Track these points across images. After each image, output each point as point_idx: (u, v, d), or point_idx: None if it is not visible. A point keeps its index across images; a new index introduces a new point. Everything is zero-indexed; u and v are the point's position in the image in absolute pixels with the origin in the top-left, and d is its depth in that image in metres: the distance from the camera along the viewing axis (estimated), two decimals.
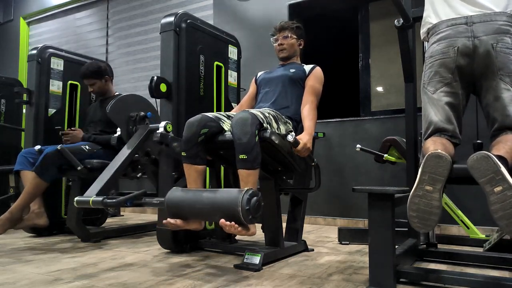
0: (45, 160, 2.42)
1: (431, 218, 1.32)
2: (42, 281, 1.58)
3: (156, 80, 2.12)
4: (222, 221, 1.53)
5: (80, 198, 1.83)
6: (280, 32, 2.30)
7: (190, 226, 1.73)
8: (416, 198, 1.34)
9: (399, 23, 1.73)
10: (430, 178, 1.33)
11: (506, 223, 1.22)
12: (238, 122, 1.72)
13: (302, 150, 1.88)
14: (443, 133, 1.55)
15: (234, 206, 1.49)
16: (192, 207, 1.62)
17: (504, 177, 1.22)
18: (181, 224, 1.68)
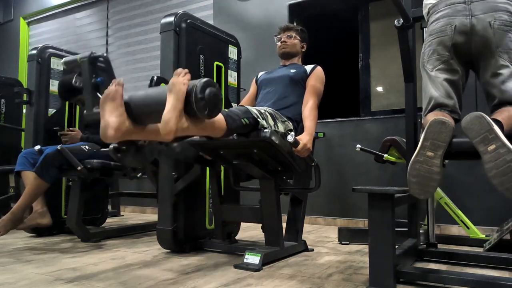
0: (45, 160, 2.42)
1: (431, 184, 1.32)
2: (42, 281, 1.58)
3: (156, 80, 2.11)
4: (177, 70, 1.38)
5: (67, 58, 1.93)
6: (285, 32, 2.35)
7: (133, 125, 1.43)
8: (417, 164, 1.34)
9: (399, 23, 1.73)
10: (431, 144, 1.33)
11: (499, 181, 1.23)
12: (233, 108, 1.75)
13: (302, 150, 1.88)
14: (443, 108, 1.55)
15: (192, 82, 1.38)
16: (147, 96, 1.46)
17: (497, 135, 1.24)
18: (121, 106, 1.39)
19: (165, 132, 1.32)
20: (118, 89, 1.39)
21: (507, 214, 2.58)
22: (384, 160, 2.58)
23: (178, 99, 1.33)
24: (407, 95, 1.96)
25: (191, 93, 1.36)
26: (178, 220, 2.12)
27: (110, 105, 1.38)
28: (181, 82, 1.34)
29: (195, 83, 1.38)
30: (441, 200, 2.44)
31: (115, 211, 4.04)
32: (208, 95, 1.37)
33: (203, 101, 1.36)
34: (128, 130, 1.41)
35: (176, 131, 1.33)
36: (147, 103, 1.44)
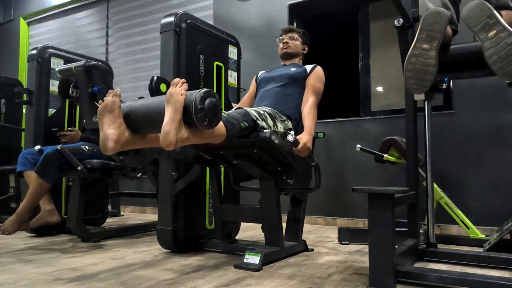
0: (45, 160, 2.42)
1: (427, 78, 1.32)
2: (42, 281, 1.58)
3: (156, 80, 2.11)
4: (174, 80, 1.36)
5: (62, 66, 1.96)
6: (287, 34, 2.38)
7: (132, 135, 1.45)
8: (413, 58, 1.35)
9: (399, 23, 1.73)
10: (427, 36, 1.34)
11: (499, 66, 1.23)
12: (232, 111, 1.74)
13: (302, 150, 1.88)
14: None
15: (189, 95, 1.36)
16: (146, 106, 1.45)
17: (498, 19, 1.23)
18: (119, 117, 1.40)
19: (165, 144, 1.32)
20: (115, 100, 1.39)
21: (507, 214, 2.59)
22: (384, 160, 2.58)
23: (176, 110, 1.32)
24: (407, 95, 1.96)
25: (190, 103, 1.35)
26: (178, 220, 2.12)
27: (108, 116, 1.37)
28: (179, 92, 1.33)
29: (194, 93, 1.37)
30: (441, 200, 2.44)
31: (115, 211, 4.04)
32: (207, 105, 1.37)
33: (202, 111, 1.35)
34: (128, 141, 1.41)
35: (176, 142, 1.33)
36: (145, 113, 1.43)
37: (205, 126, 1.39)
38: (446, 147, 2.87)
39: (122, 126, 1.39)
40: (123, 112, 1.42)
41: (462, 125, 2.84)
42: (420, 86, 1.33)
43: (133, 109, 1.44)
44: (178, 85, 1.35)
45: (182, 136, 1.34)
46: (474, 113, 2.81)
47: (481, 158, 2.76)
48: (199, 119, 1.36)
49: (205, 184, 2.31)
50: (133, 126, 1.44)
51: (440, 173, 2.82)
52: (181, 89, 1.35)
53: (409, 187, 1.86)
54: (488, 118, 2.76)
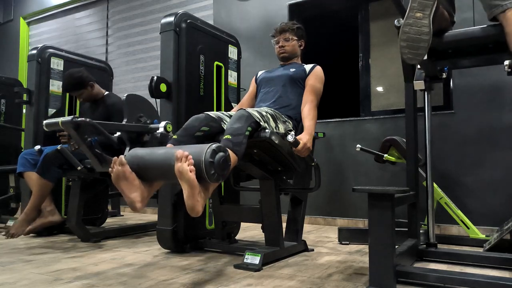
0: (45, 160, 2.42)
1: (421, 46, 1.33)
2: (42, 281, 1.58)
3: (156, 80, 2.12)
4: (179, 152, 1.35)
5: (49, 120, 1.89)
6: (281, 34, 2.30)
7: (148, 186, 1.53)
8: (406, 27, 1.36)
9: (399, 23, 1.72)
10: (419, 4, 1.35)
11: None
12: (233, 117, 1.73)
13: (302, 150, 1.88)
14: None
15: (197, 156, 1.37)
16: (155, 156, 1.48)
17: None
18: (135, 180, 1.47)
19: (194, 214, 1.40)
20: (125, 169, 1.45)
21: (507, 214, 2.59)
22: (384, 160, 2.58)
23: (191, 185, 1.35)
24: (407, 95, 1.96)
25: (201, 172, 1.36)
26: (178, 220, 2.12)
27: (125, 183, 1.46)
28: (187, 170, 1.33)
29: (201, 160, 1.36)
30: (441, 200, 2.44)
31: (115, 211, 4.04)
32: (217, 166, 1.39)
33: (215, 174, 1.39)
34: (149, 193, 1.54)
35: (202, 209, 1.41)
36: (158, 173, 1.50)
37: (221, 179, 1.45)
38: (446, 147, 2.87)
39: (140, 187, 1.48)
40: (134, 169, 1.48)
41: (462, 125, 2.84)
42: (415, 55, 1.35)
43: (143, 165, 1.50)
44: (183, 161, 1.34)
45: (205, 200, 1.44)
46: (474, 113, 2.81)
47: (481, 158, 2.76)
48: (213, 179, 1.40)
49: None
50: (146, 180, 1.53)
51: (440, 173, 2.82)
52: (188, 166, 1.34)
53: (409, 187, 1.86)
54: (488, 118, 2.76)
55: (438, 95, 3.02)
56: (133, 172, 1.46)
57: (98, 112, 2.76)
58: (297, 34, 2.32)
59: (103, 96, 2.87)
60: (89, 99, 2.85)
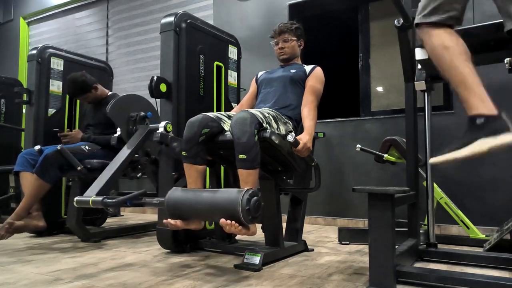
0: (45, 161, 2.41)
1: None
2: (42, 281, 1.58)
3: (156, 80, 2.12)
4: (223, 220, 1.53)
5: (80, 198, 1.83)
6: (280, 36, 2.29)
7: (189, 226, 1.73)
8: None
9: (399, 23, 1.73)
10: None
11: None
12: (237, 121, 1.72)
13: (302, 150, 1.88)
14: (446, 12, 1.29)
15: (234, 206, 1.50)
16: (192, 207, 1.62)
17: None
18: (180, 225, 1.69)
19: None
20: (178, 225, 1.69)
21: (507, 214, 2.58)
22: (384, 160, 2.58)
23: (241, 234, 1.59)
24: (407, 95, 1.96)
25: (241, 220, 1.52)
26: None
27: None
28: (238, 231, 1.56)
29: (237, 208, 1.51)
30: (441, 200, 2.44)
31: (115, 211, 4.04)
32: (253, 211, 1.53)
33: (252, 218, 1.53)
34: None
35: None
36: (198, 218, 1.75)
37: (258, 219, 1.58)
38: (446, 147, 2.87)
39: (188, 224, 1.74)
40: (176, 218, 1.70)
41: (462, 125, 2.83)
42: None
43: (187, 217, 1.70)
44: (229, 226, 1.54)
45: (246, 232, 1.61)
46: None
47: (481, 158, 2.75)
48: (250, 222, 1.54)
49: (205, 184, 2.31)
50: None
51: (440, 173, 2.82)
52: (235, 229, 1.55)
53: (409, 187, 1.86)
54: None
55: (438, 95, 3.02)
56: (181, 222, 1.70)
57: (102, 112, 2.76)
58: (296, 34, 2.31)
59: (106, 96, 2.88)
60: (94, 101, 2.86)
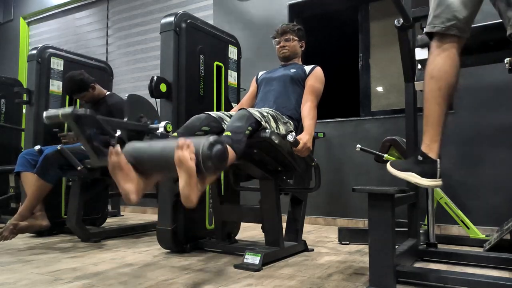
0: (45, 161, 2.41)
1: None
2: (42, 281, 1.58)
3: (156, 80, 2.12)
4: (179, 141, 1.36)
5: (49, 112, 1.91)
6: (282, 36, 2.33)
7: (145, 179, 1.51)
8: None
9: (399, 23, 1.72)
10: None
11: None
12: (235, 116, 1.74)
13: (302, 150, 1.88)
14: (452, 27, 1.31)
15: (196, 147, 1.36)
16: (153, 148, 1.48)
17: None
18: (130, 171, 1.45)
19: (189, 205, 1.40)
20: (120, 159, 1.43)
21: (507, 214, 2.58)
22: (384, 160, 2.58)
23: (190, 174, 1.34)
24: (407, 95, 1.96)
25: (199, 164, 1.36)
26: (178, 220, 2.12)
27: (121, 174, 1.44)
28: (188, 159, 1.33)
29: (199, 151, 1.36)
30: (441, 200, 2.44)
31: (115, 211, 4.04)
32: (215, 158, 1.38)
33: (212, 167, 1.38)
34: (145, 186, 1.50)
35: (197, 200, 1.40)
36: (155, 164, 1.48)
37: (217, 172, 1.45)
38: (446, 147, 2.87)
39: (135, 178, 1.46)
40: (130, 161, 1.46)
41: (462, 125, 2.84)
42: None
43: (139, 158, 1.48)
44: (184, 149, 1.34)
45: (201, 190, 1.42)
46: (474, 113, 2.81)
47: (481, 158, 2.76)
48: (210, 171, 1.39)
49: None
50: (143, 171, 1.51)
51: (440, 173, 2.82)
52: (189, 154, 1.34)
53: (409, 187, 1.86)
54: (488, 118, 2.76)
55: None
56: (129, 164, 1.44)
57: (100, 112, 2.76)
58: (298, 35, 2.35)
59: (104, 96, 2.88)
60: (91, 101, 2.86)
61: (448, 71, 1.29)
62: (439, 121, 1.32)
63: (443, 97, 1.30)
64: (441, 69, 1.30)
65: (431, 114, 1.32)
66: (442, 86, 1.29)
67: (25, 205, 2.40)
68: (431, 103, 1.31)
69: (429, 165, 1.35)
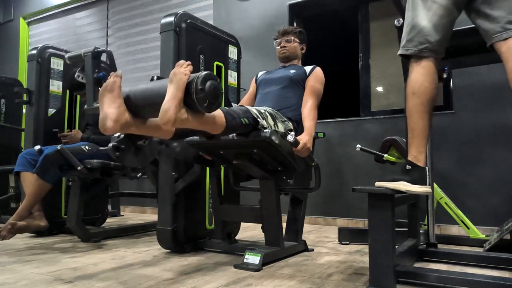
0: (45, 161, 2.41)
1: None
2: (42, 281, 1.58)
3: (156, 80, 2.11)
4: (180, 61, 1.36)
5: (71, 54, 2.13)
6: (283, 36, 2.35)
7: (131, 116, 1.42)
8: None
9: (399, 23, 1.73)
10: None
11: None
12: (232, 108, 1.74)
13: (302, 150, 1.88)
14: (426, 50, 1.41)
15: (189, 83, 1.35)
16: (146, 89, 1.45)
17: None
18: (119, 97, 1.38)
19: (164, 121, 1.30)
20: (116, 80, 1.38)
21: (507, 214, 2.58)
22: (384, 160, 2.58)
23: (178, 88, 1.32)
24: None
25: (192, 84, 1.35)
26: (178, 220, 2.12)
27: (109, 96, 1.36)
28: (182, 72, 1.34)
29: (196, 75, 1.37)
30: (441, 200, 2.44)
31: (115, 211, 4.04)
32: (208, 87, 1.36)
33: (203, 92, 1.35)
34: (127, 122, 1.39)
35: (175, 121, 1.30)
36: (147, 95, 1.42)
37: (205, 108, 1.38)
38: (446, 147, 2.87)
39: (122, 106, 1.37)
40: (124, 95, 1.41)
41: (462, 125, 2.84)
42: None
43: (134, 92, 1.44)
44: (183, 66, 1.36)
45: (181, 116, 1.33)
46: (474, 113, 2.81)
47: (481, 158, 2.76)
48: (199, 99, 1.35)
49: (205, 184, 2.31)
50: (133, 108, 1.43)
51: (440, 173, 2.82)
52: (185, 70, 1.35)
53: None
54: (488, 118, 2.76)
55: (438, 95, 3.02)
56: (121, 90, 1.39)
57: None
58: (300, 37, 2.36)
59: None
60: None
61: (428, 87, 1.39)
62: (424, 133, 1.42)
63: (425, 111, 1.40)
64: (422, 85, 1.39)
65: (416, 127, 1.42)
66: (424, 101, 1.39)
67: (23, 204, 2.40)
68: (415, 117, 1.41)
69: (418, 172, 1.42)
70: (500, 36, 1.31)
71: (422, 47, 1.41)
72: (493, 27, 1.32)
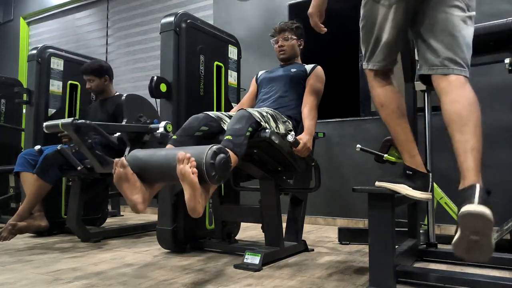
0: (45, 161, 2.41)
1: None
2: (42, 281, 1.58)
3: (156, 80, 2.12)
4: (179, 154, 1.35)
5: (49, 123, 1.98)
6: (280, 34, 2.30)
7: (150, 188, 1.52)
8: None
9: None
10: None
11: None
12: (234, 117, 1.73)
13: (302, 150, 1.88)
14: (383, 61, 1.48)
15: (198, 158, 1.37)
16: (156, 158, 1.48)
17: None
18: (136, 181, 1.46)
19: (196, 216, 1.41)
20: (126, 171, 1.45)
21: (507, 214, 2.58)
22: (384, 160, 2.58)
23: (194, 188, 1.36)
24: (407, 95, 1.96)
25: (203, 174, 1.37)
26: (178, 220, 2.12)
27: (127, 185, 1.45)
28: (189, 172, 1.34)
29: (201, 161, 1.37)
30: (441, 200, 2.44)
31: (115, 211, 4.04)
32: (218, 168, 1.40)
33: (216, 176, 1.39)
34: (150, 195, 1.53)
35: (203, 210, 1.42)
36: (159, 174, 1.49)
37: (222, 181, 1.46)
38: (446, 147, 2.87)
39: (142, 188, 1.48)
40: (135, 171, 1.47)
41: None
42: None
43: (144, 168, 1.49)
44: (185, 163, 1.35)
45: (205, 201, 1.45)
46: None
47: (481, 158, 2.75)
48: (214, 180, 1.40)
49: None
50: (147, 181, 1.52)
51: (440, 173, 2.82)
52: (190, 168, 1.35)
53: None
54: (488, 118, 2.75)
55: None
56: (134, 174, 1.46)
57: (106, 110, 2.77)
58: (297, 33, 2.32)
59: (113, 96, 2.88)
60: (97, 91, 2.86)
61: (393, 96, 1.47)
62: (407, 138, 1.47)
63: (399, 117, 1.46)
64: (387, 96, 1.47)
65: (398, 134, 1.48)
66: (394, 109, 1.45)
67: (24, 205, 2.40)
68: (393, 125, 1.47)
69: (421, 179, 1.44)
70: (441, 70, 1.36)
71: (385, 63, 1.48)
72: (433, 58, 1.35)
